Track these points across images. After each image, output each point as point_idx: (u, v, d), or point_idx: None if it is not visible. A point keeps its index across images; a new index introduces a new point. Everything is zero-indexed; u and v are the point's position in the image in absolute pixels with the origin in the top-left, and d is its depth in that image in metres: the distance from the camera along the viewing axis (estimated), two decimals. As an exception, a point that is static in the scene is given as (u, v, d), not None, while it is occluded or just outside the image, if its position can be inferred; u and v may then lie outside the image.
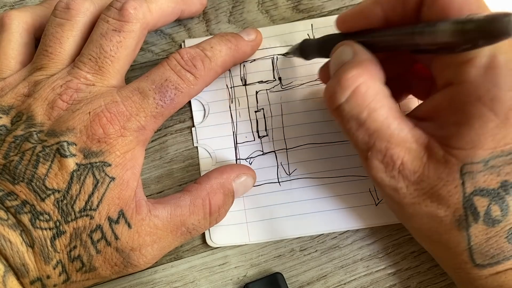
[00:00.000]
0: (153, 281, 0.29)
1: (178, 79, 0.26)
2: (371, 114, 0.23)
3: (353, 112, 0.23)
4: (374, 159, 0.23)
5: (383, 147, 0.23)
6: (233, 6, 0.34)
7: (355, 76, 0.23)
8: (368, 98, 0.23)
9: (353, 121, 0.23)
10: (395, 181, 0.23)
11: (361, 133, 0.23)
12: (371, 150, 0.23)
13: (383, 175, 0.24)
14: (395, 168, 0.23)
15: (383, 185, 0.24)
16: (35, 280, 0.23)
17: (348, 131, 0.24)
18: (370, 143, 0.23)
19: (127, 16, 0.27)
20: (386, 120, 0.23)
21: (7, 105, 0.26)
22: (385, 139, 0.23)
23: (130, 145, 0.25)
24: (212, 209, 0.27)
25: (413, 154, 0.23)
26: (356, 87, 0.23)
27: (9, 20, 0.28)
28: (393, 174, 0.23)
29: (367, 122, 0.23)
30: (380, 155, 0.23)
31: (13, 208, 0.23)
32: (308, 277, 0.29)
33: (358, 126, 0.23)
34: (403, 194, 0.23)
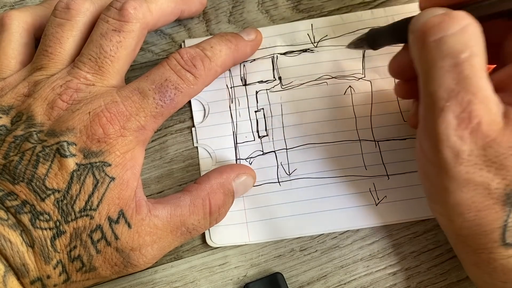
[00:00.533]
0: (153, 281, 0.29)
1: (178, 79, 0.26)
2: (471, 57, 0.21)
3: (456, 47, 0.21)
4: (450, 111, 0.22)
5: (465, 100, 0.21)
6: (233, 6, 0.34)
7: (466, 16, 0.22)
8: (473, 40, 0.22)
9: (450, 59, 0.21)
10: (461, 142, 0.22)
11: (451, 75, 0.21)
12: (451, 99, 0.22)
13: (451, 133, 0.22)
14: (468, 126, 0.22)
15: (444, 145, 0.22)
16: (35, 280, 0.23)
17: (438, 70, 0.22)
18: (455, 91, 0.21)
19: (127, 16, 0.27)
20: (480, 72, 0.21)
21: (7, 105, 0.26)
22: (472, 91, 0.21)
23: (130, 145, 0.25)
24: (212, 209, 0.27)
25: (492, 117, 0.22)
26: (467, 24, 0.22)
27: (9, 20, 0.28)
28: (462, 134, 0.22)
29: (464, 64, 0.21)
30: (459, 108, 0.21)
31: (13, 208, 0.23)
32: (308, 277, 0.29)
33: (453, 65, 0.21)
34: (461, 160, 0.22)
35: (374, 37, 0.28)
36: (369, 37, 0.28)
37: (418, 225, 0.30)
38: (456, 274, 0.29)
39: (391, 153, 0.30)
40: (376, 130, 0.31)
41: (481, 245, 0.23)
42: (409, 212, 0.29)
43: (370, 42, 0.28)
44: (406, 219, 0.29)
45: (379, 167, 0.30)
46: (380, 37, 0.28)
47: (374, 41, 0.28)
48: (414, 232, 0.29)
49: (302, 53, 0.32)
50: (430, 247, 0.29)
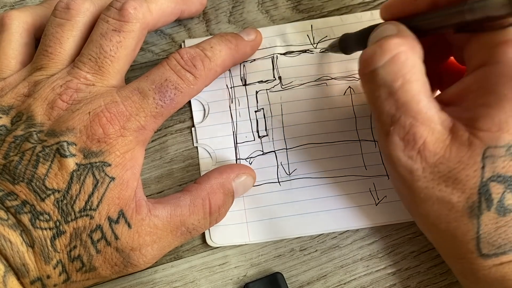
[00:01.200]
0: (153, 281, 0.29)
1: (178, 79, 0.26)
2: (405, 85, 0.22)
3: (387, 78, 0.22)
4: (396, 135, 0.23)
5: (407, 123, 0.22)
6: (233, 6, 0.34)
7: (397, 43, 0.22)
8: (405, 68, 0.22)
9: (385, 88, 0.23)
10: (412, 161, 0.23)
11: (389, 103, 0.23)
12: (394, 124, 0.23)
13: (400, 154, 0.23)
14: (415, 147, 0.23)
15: (398, 164, 0.23)
16: (35, 280, 0.23)
17: (376, 99, 0.23)
18: (396, 117, 0.23)
19: (127, 16, 0.27)
20: (417, 96, 0.22)
21: (7, 105, 0.26)
22: (412, 115, 0.22)
23: (130, 145, 0.25)
24: (212, 209, 0.27)
25: (436, 135, 0.22)
26: (396, 54, 0.22)
27: (9, 20, 0.28)
28: (411, 154, 0.23)
29: (399, 92, 0.22)
30: (403, 131, 0.23)
31: (13, 208, 0.23)
32: (308, 277, 0.29)
33: (388, 94, 0.23)
34: (417, 176, 0.23)
35: (346, 42, 0.29)
36: (341, 43, 0.29)
37: (418, 225, 0.30)
38: (456, 274, 0.29)
39: (379, 143, 0.30)
40: (376, 130, 0.31)
41: (461, 255, 0.24)
42: (409, 212, 0.29)
43: (342, 47, 0.29)
44: (406, 219, 0.29)
45: (379, 167, 0.30)
46: (350, 43, 0.29)
47: (345, 46, 0.29)
48: (414, 232, 0.30)
49: (302, 53, 0.32)
50: (430, 247, 0.29)
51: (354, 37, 0.28)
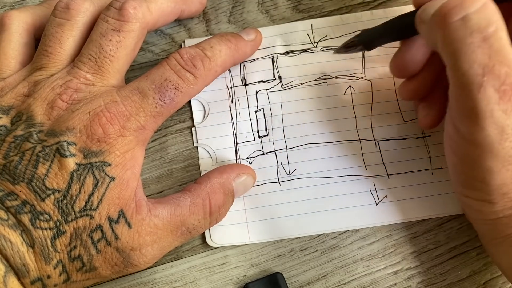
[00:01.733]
0: (153, 281, 0.29)
1: (177, 78, 0.26)
2: (498, 31, 0.21)
3: (481, 23, 0.21)
4: (490, 85, 0.21)
5: (503, 72, 0.21)
6: (233, 6, 0.34)
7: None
8: (496, 16, 0.21)
9: (478, 34, 0.21)
10: (505, 116, 0.21)
11: (482, 50, 0.21)
12: (488, 74, 0.21)
13: (494, 107, 0.21)
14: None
15: (488, 122, 0.21)
16: (36, 280, 0.23)
17: (468, 47, 0.21)
18: (489, 65, 0.21)
19: (127, 15, 0.27)
20: (507, 45, 0.21)
21: (7, 105, 0.26)
22: (506, 64, 0.21)
23: (130, 144, 0.25)
24: (212, 209, 0.27)
25: None
26: (486, 1, 0.21)
27: (9, 20, 0.28)
28: (506, 107, 0.21)
29: (493, 38, 0.21)
30: (498, 81, 0.21)
31: (13, 208, 0.23)
32: (308, 277, 0.29)
33: (482, 41, 0.21)
34: (506, 135, 0.21)
35: (368, 38, 0.28)
36: (363, 39, 0.28)
37: (418, 225, 0.30)
38: (456, 274, 0.29)
39: (391, 152, 0.30)
40: (376, 130, 0.31)
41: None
42: (409, 212, 0.29)
43: (365, 44, 0.29)
44: (406, 219, 0.29)
45: (379, 167, 0.30)
46: (376, 37, 0.28)
47: (369, 42, 0.28)
48: (414, 232, 0.30)
49: (302, 53, 0.32)
50: (430, 247, 0.29)
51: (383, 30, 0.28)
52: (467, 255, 0.29)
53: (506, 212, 0.23)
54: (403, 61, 0.27)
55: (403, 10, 0.32)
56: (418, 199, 0.30)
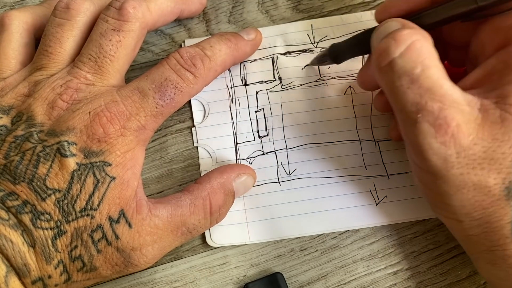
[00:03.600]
0: (153, 281, 0.29)
1: (177, 78, 0.26)
2: (425, 71, 0.22)
3: (406, 67, 0.22)
4: (425, 121, 0.22)
5: (435, 108, 0.22)
6: (233, 6, 0.34)
7: (409, 33, 0.22)
8: (423, 54, 0.22)
9: (406, 77, 0.22)
10: (445, 148, 0.22)
11: (413, 91, 0.22)
12: (421, 111, 0.22)
13: (432, 141, 0.22)
14: (448, 131, 0.22)
15: (430, 153, 0.22)
16: (37, 280, 0.23)
17: (398, 89, 0.23)
18: (422, 103, 0.22)
19: (126, 15, 0.27)
20: (439, 80, 0.22)
21: (7, 105, 0.26)
22: (438, 99, 0.22)
23: (130, 144, 0.25)
24: (212, 209, 0.27)
25: (467, 116, 0.22)
26: (411, 42, 0.22)
27: (9, 20, 0.28)
28: (444, 140, 0.22)
29: (421, 78, 0.22)
30: (432, 116, 0.22)
31: (14, 208, 0.23)
32: (308, 277, 0.29)
33: (410, 82, 0.22)
34: (451, 163, 0.22)
35: (336, 52, 0.29)
36: (332, 53, 0.29)
37: (418, 225, 0.30)
38: (456, 274, 0.29)
39: (391, 153, 0.30)
40: (376, 130, 0.31)
41: (493, 242, 0.23)
42: (409, 212, 0.29)
43: (333, 57, 0.29)
44: (406, 219, 0.29)
45: (379, 167, 0.30)
46: (343, 52, 0.29)
47: (336, 56, 0.29)
48: (414, 232, 0.30)
49: (302, 53, 0.32)
50: (430, 247, 0.29)
51: (346, 45, 0.28)
52: (467, 255, 0.29)
53: (474, 230, 0.24)
54: (367, 75, 0.28)
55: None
56: (418, 199, 0.30)
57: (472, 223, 0.24)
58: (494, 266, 0.24)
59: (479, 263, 0.26)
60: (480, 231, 0.24)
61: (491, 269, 0.25)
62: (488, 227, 0.23)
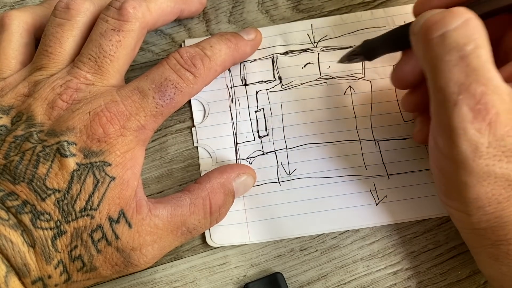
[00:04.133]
0: (153, 281, 0.29)
1: (177, 78, 0.26)
2: (477, 49, 0.21)
3: (460, 41, 0.21)
4: (465, 104, 0.21)
5: (478, 91, 0.21)
6: (233, 6, 0.34)
7: (466, 10, 0.22)
8: (477, 32, 0.22)
9: (456, 52, 0.21)
10: (479, 135, 0.21)
11: (460, 68, 0.21)
12: (463, 92, 0.21)
13: (468, 126, 0.21)
14: (486, 118, 0.21)
15: (461, 139, 0.22)
16: (37, 280, 0.23)
17: (445, 64, 0.22)
18: (466, 84, 0.21)
19: (126, 15, 0.27)
20: (487, 63, 0.22)
21: (7, 105, 0.26)
22: (483, 83, 0.21)
23: (130, 144, 0.25)
24: (212, 209, 0.27)
25: (506, 106, 0.21)
26: (468, 18, 0.22)
27: (9, 20, 0.28)
28: (480, 126, 0.21)
29: (471, 57, 0.21)
30: (474, 100, 0.21)
31: (14, 208, 0.23)
32: (308, 277, 0.29)
33: (459, 59, 0.21)
34: (480, 153, 0.22)
35: (370, 48, 0.28)
36: (365, 49, 0.29)
37: (418, 225, 0.30)
38: (456, 274, 0.29)
39: (391, 152, 0.30)
40: (376, 130, 0.31)
41: (500, 237, 0.23)
42: (409, 212, 0.29)
43: (366, 54, 0.29)
44: (406, 219, 0.29)
45: (379, 167, 0.30)
46: (377, 47, 0.28)
47: (370, 52, 0.28)
48: (414, 232, 0.30)
49: (302, 53, 0.32)
50: (430, 247, 0.29)
51: (385, 40, 0.28)
52: (467, 255, 0.29)
53: (482, 224, 0.24)
54: (403, 73, 0.27)
55: (403, 10, 0.33)
56: (418, 199, 0.30)
57: (482, 217, 0.23)
58: (496, 261, 0.24)
59: (480, 257, 0.26)
60: (488, 225, 0.23)
61: (493, 264, 0.25)
62: (497, 221, 0.23)
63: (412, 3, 0.27)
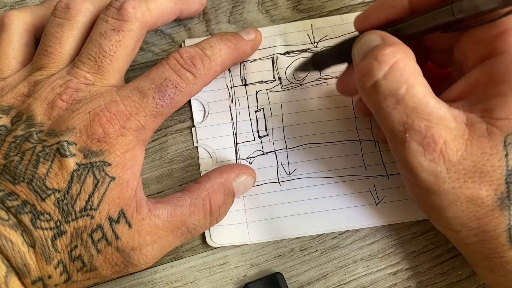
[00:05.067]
0: (153, 281, 0.29)
1: (177, 78, 0.26)
2: (410, 90, 0.22)
3: (391, 88, 0.22)
4: (413, 140, 0.22)
5: (422, 127, 0.22)
6: (233, 6, 0.34)
7: (392, 52, 0.22)
8: (406, 74, 0.22)
9: (391, 98, 0.22)
10: (434, 164, 0.22)
11: (399, 111, 0.22)
12: (409, 131, 0.22)
13: (421, 159, 0.22)
14: (436, 149, 0.22)
15: (420, 171, 0.23)
16: (37, 280, 0.23)
17: (384, 110, 0.23)
18: (408, 123, 0.22)
19: (126, 15, 0.27)
20: (424, 98, 0.22)
21: (7, 105, 0.26)
22: (425, 118, 0.22)
23: (130, 144, 0.25)
24: (212, 209, 0.27)
25: (454, 132, 0.22)
26: (394, 62, 0.22)
27: (9, 20, 0.28)
28: (433, 157, 0.22)
29: (406, 98, 0.22)
30: (420, 135, 0.22)
31: (14, 208, 0.23)
32: (308, 277, 0.29)
33: (396, 103, 0.22)
34: (442, 179, 0.22)
35: (318, 60, 0.29)
36: (314, 61, 0.29)
37: (418, 225, 0.30)
38: (456, 274, 0.29)
39: (391, 153, 0.30)
40: (376, 130, 0.31)
41: (491, 250, 0.24)
42: (409, 212, 0.29)
43: (316, 65, 0.29)
44: (406, 219, 0.29)
45: (379, 167, 0.30)
46: (325, 60, 0.29)
47: (320, 64, 0.29)
48: (414, 232, 0.30)
49: (302, 53, 0.32)
50: (430, 247, 0.29)
51: (328, 54, 0.28)
52: (467, 255, 0.29)
53: (471, 239, 0.24)
54: (345, 83, 0.28)
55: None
56: (418, 199, 0.30)
57: (468, 232, 0.24)
58: (492, 273, 0.24)
59: (478, 269, 0.26)
60: (477, 240, 0.24)
61: (490, 275, 0.25)
62: (484, 236, 0.23)
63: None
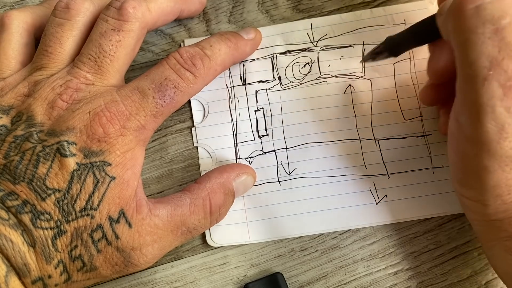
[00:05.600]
0: (153, 281, 0.29)
1: (177, 78, 0.26)
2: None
3: (495, 14, 0.21)
4: (495, 80, 0.20)
5: (510, 67, 0.20)
6: (233, 6, 0.34)
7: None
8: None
9: (491, 25, 0.21)
10: (507, 114, 0.21)
11: (493, 42, 0.21)
12: (495, 67, 0.20)
13: (497, 103, 0.21)
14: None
15: (487, 118, 0.21)
16: (37, 280, 0.23)
17: (477, 38, 0.21)
18: (498, 58, 0.20)
19: (126, 15, 0.27)
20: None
21: (7, 105, 0.26)
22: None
23: (130, 144, 0.25)
24: (212, 209, 0.27)
25: None
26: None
27: (9, 20, 0.28)
28: (509, 105, 0.20)
29: (506, 30, 0.20)
30: (505, 76, 0.20)
31: (14, 208, 0.23)
32: (308, 277, 0.29)
33: (493, 32, 0.21)
34: (505, 134, 0.21)
35: (395, 44, 0.28)
36: (389, 45, 0.28)
37: (419, 225, 0.30)
38: (457, 274, 0.29)
39: (392, 152, 0.30)
40: (376, 129, 0.31)
41: None
42: (409, 211, 0.29)
43: (391, 50, 0.28)
44: (407, 218, 0.29)
45: (379, 166, 0.30)
46: (402, 43, 0.28)
47: (395, 48, 0.28)
48: (414, 232, 0.29)
49: (301, 52, 0.32)
50: (430, 247, 0.29)
51: (409, 35, 0.27)
52: (468, 255, 0.29)
53: (499, 215, 0.23)
54: (439, 65, 0.26)
55: (403, 8, 0.33)
56: (418, 198, 0.30)
57: (499, 207, 0.23)
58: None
59: (494, 251, 0.25)
60: (505, 216, 0.23)
61: (509, 258, 0.24)
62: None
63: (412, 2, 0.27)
